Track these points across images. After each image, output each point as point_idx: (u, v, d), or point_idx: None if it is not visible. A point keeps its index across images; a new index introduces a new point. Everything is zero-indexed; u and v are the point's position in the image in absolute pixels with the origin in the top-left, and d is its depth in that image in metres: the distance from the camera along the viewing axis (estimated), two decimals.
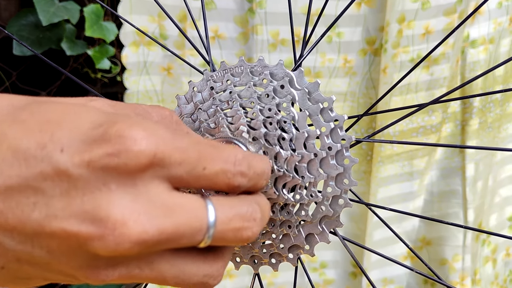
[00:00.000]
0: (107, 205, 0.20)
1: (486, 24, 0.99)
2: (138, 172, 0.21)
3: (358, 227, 1.08)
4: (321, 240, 0.35)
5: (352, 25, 0.94)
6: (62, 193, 0.20)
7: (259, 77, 0.34)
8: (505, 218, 1.18)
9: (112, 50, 0.95)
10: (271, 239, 0.35)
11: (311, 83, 0.34)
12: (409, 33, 0.94)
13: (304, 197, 0.33)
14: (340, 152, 0.33)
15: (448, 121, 1.05)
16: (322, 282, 1.12)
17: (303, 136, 0.33)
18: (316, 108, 0.33)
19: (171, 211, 0.21)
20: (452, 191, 1.09)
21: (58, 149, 0.20)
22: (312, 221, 0.34)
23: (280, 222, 0.34)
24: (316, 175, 0.33)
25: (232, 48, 0.95)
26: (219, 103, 0.34)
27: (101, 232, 0.20)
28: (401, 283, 1.14)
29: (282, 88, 0.34)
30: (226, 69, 0.36)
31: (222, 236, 0.23)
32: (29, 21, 0.90)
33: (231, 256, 0.28)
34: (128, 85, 0.93)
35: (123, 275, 0.22)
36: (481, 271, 1.15)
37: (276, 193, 0.33)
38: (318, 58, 0.96)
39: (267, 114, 0.33)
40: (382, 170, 1.03)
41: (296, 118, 0.33)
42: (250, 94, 0.34)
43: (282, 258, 0.36)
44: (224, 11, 0.93)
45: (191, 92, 0.36)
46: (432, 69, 0.98)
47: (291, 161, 0.32)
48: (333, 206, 0.34)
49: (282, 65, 0.34)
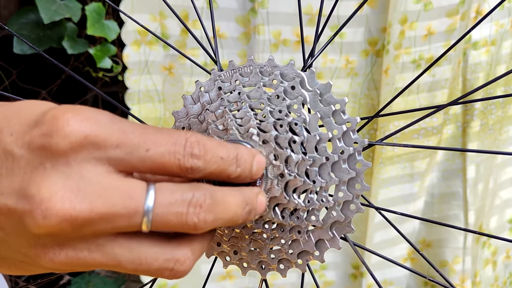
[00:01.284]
0: (39, 182, 0.21)
1: (488, 26, 0.99)
2: (71, 152, 0.22)
3: (358, 228, 1.08)
4: (331, 246, 0.34)
5: (354, 26, 0.94)
6: (8, 172, 0.22)
7: (269, 78, 0.33)
8: (506, 220, 1.17)
9: (114, 49, 0.95)
10: (280, 245, 0.34)
11: (323, 84, 0.33)
12: (411, 34, 0.93)
13: (314, 202, 0.32)
14: (352, 156, 0.32)
15: (449, 122, 1.05)
16: (322, 284, 1.11)
17: (315, 139, 0.31)
18: (328, 110, 0.32)
19: (105, 191, 0.22)
20: (452, 193, 1.09)
21: (9, 133, 0.22)
22: (322, 226, 0.33)
23: (289, 227, 0.33)
24: (327, 179, 0.32)
25: (233, 48, 0.95)
26: (227, 104, 0.33)
27: (30, 207, 0.21)
28: (401, 285, 1.14)
29: (293, 89, 0.33)
30: (235, 68, 0.35)
31: (164, 220, 0.23)
32: (29, 19, 0.89)
33: (206, 243, 0.26)
34: (129, 85, 0.93)
35: (72, 256, 0.23)
36: (481, 273, 1.15)
37: (287, 198, 0.32)
38: (320, 59, 0.96)
39: (278, 116, 0.32)
40: (383, 171, 1.03)
41: (307, 121, 0.32)
42: (260, 95, 0.33)
43: (291, 264, 0.35)
44: (226, 10, 0.93)
45: (198, 92, 0.35)
46: (433, 71, 0.98)
47: (302, 165, 0.31)
48: (344, 212, 0.33)
49: (293, 65, 0.33)
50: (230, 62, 0.35)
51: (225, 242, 0.35)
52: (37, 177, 0.21)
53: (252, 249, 0.35)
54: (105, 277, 1.18)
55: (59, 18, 0.84)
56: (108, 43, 0.94)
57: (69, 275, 1.16)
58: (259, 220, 0.33)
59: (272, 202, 0.32)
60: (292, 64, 0.33)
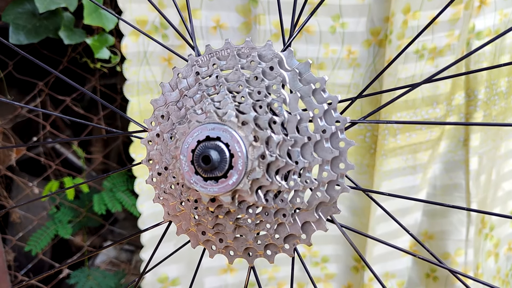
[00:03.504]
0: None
1: (492, 16, 0.98)
2: None
3: (360, 221, 1.07)
4: (318, 228, 0.33)
5: (356, 16, 0.93)
6: None
7: (247, 60, 0.33)
8: (508, 211, 1.17)
9: (112, 39, 0.93)
10: (266, 229, 0.34)
11: (302, 63, 0.32)
12: (414, 23, 0.92)
13: (298, 183, 0.32)
14: (335, 135, 0.32)
15: (452, 113, 1.04)
16: (324, 277, 1.11)
17: (296, 119, 0.31)
18: (308, 89, 0.32)
19: None
20: (455, 184, 1.08)
21: None
22: (308, 208, 0.33)
23: (274, 210, 0.33)
24: (310, 159, 0.32)
25: (234, 38, 0.93)
26: (205, 88, 0.33)
27: None
28: (403, 277, 1.13)
29: (272, 69, 0.32)
30: (212, 52, 0.34)
31: None
32: (25, 9, 0.87)
33: None
34: (128, 76, 0.91)
35: None
36: (484, 265, 1.14)
37: (269, 179, 0.32)
38: (322, 49, 0.95)
39: (257, 97, 0.32)
40: (385, 163, 1.02)
41: (287, 101, 0.32)
42: (238, 78, 0.33)
43: (278, 249, 0.34)
44: (227, 0, 0.91)
45: (175, 79, 0.35)
46: (437, 61, 0.97)
47: (284, 145, 0.31)
48: (329, 192, 0.32)
49: (271, 45, 0.33)
50: (207, 46, 0.34)
51: (210, 230, 0.35)
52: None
53: (238, 236, 0.34)
54: (105, 270, 1.17)
55: (54, 7, 0.82)
56: (106, 33, 0.92)
57: (69, 269, 1.15)
58: (242, 204, 0.33)
59: (255, 185, 0.32)
60: (270, 44, 0.33)
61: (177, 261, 1.04)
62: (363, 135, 1.03)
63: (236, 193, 0.32)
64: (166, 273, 1.05)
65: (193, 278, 0.39)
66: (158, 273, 1.04)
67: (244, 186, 0.31)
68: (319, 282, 1.11)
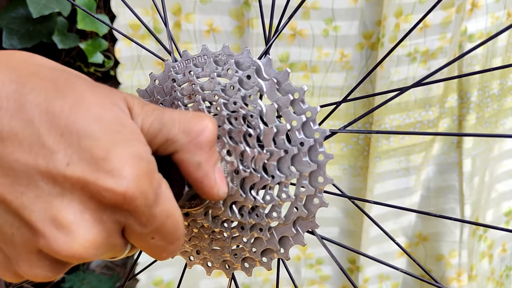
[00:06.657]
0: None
1: (483, 19, 0.98)
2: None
3: (354, 223, 1.07)
4: (296, 243, 0.32)
5: (349, 19, 0.93)
6: (43, 195, 0.22)
7: (224, 67, 0.31)
8: (502, 213, 1.17)
9: (105, 43, 0.94)
10: (242, 243, 0.32)
11: (280, 72, 0.31)
12: (406, 27, 0.92)
13: (274, 198, 0.30)
14: (313, 148, 0.30)
15: (445, 116, 1.04)
16: (319, 279, 1.11)
17: (272, 131, 0.29)
18: (286, 100, 0.30)
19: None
20: (449, 186, 1.09)
21: (66, 161, 0.22)
22: (285, 223, 0.31)
23: (250, 225, 0.31)
24: (287, 173, 0.30)
25: (227, 42, 0.94)
26: (180, 97, 0.31)
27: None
28: (397, 280, 1.14)
29: (249, 78, 0.30)
30: (189, 59, 0.32)
31: None
32: (19, 13, 0.88)
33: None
34: (121, 80, 0.92)
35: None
36: (478, 266, 1.15)
37: (243, 195, 0.30)
38: (315, 52, 0.95)
39: (232, 108, 0.30)
40: (378, 165, 1.03)
41: (264, 112, 0.30)
42: (213, 86, 0.31)
43: (255, 263, 0.33)
44: (219, 4, 0.91)
45: (152, 86, 0.33)
46: (429, 64, 0.97)
47: (259, 159, 0.30)
48: (307, 206, 0.31)
49: (248, 52, 0.31)
50: (184, 52, 0.33)
51: (186, 242, 0.34)
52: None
53: (214, 248, 0.33)
54: (100, 274, 1.17)
55: (48, 12, 0.82)
56: (99, 38, 0.93)
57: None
58: (216, 219, 0.32)
59: (229, 200, 0.31)
60: (247, 51, 0.31)
61: (171, 264, 1.04)
62: (356, 137, 1.03)
63: (209, 209, 0.31)
64: (161, 276, 1.05)
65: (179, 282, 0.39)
66: (152, 276, 1.04)
67: (217, 202, 0.31)
68: (314, 284, 1.11)
